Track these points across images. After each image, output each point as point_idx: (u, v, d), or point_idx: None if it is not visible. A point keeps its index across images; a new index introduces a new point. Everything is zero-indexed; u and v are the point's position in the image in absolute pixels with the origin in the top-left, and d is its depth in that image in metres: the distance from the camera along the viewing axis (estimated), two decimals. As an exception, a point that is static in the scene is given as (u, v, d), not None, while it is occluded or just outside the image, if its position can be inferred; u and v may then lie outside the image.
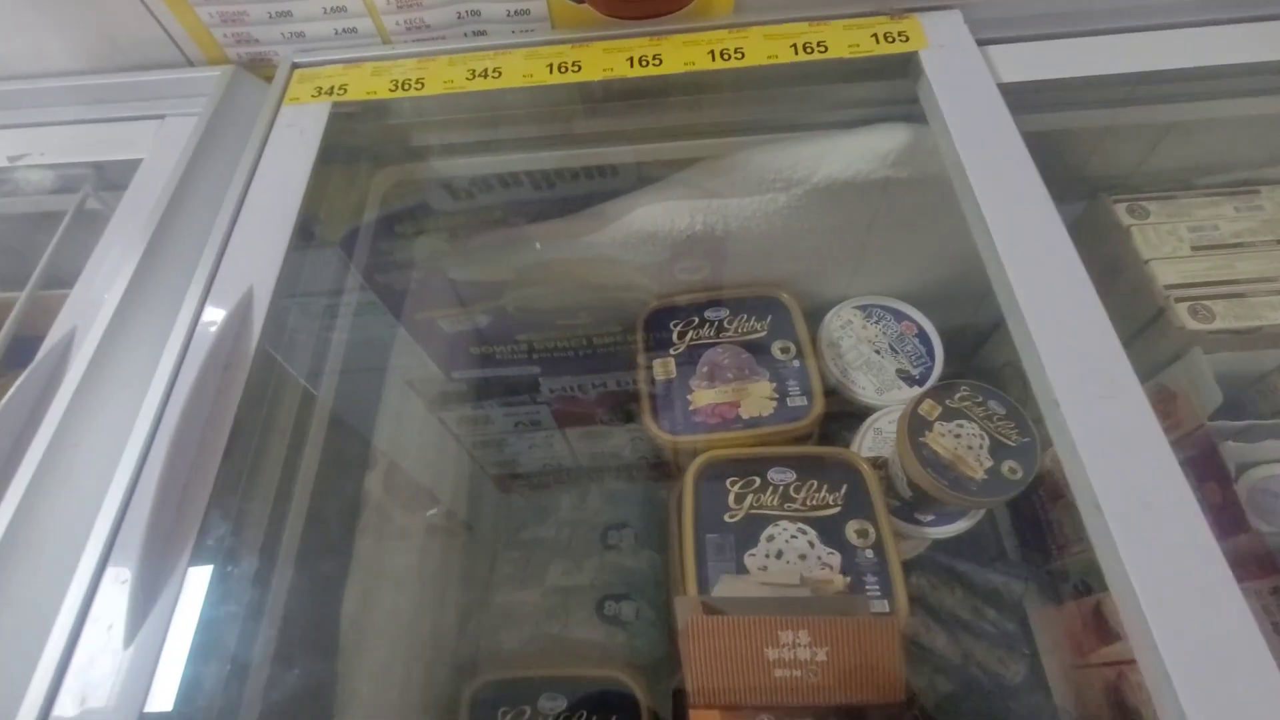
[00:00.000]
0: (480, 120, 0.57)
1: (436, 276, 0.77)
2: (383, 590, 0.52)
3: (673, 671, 0.61)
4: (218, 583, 0.34)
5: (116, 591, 0.30)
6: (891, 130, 0.50)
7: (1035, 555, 0.76)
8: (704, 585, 0.52)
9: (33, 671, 0.29)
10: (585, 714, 0.54)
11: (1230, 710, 0.25)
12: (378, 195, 0.57)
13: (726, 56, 0.47)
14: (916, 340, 0.69)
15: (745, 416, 0.61)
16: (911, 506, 0.59)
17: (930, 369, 0.67)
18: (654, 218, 0.60)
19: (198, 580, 0.32)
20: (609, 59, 0.48)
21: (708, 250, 0.67)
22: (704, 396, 0.63)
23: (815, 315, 0.71)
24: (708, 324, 0.68)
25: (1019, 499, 0.77)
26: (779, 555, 0.54)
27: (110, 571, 0.31)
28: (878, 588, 0.51)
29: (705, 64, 0.47)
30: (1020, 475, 0.50)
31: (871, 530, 0.54)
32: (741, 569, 0.53)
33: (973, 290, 0.75)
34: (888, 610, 0.50)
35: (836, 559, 0.53)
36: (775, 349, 0.65)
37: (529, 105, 0.55)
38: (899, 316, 0.71)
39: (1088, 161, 0.59)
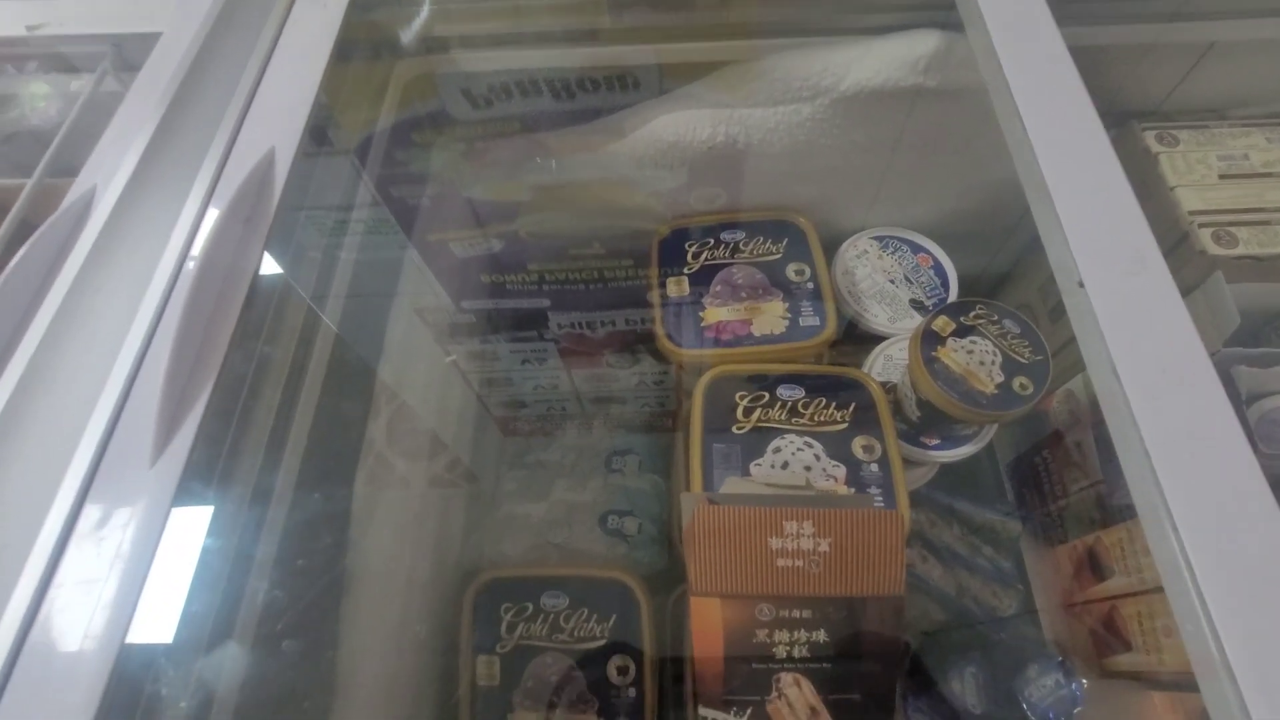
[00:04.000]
0: (503, 11, 0.56)
1: (451, 193, 0.76)
2: (390, 482, 0.53)
3: (672, 584, 0.63)
4: (238, 429, 0.34)
5: (138, 422, 0.31)
6: (924, 36, 0.49)
7: (1033, 500, 0.77)
8: (709, 489, 0.53)
9: (58, 489, 0.30)
10: (587, 611, 0.56)
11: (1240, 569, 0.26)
12: (397, 90, 0.56)
13: (760, -55, 0.46)
14: (931, 272, 0.69)
15: (757, 334, 0.61)
16: (918, 429, 0.59)
17: (944, 300, 0.67)
18: (674, 126, 0.59)
19: (218, 421, 0.32)
20: (639, -55, 0.47)
21: (726, 168, 0.66)
22: (716, 313, 0.63)
23: (831, 245, 0.71)
24: (723, 245, 0.67)
25: (1023, 455, 0.77)
26: (785, 466, 0.54)
27: (130, 406, 0.31)
28: (881, 499, 0.52)
29: (738, -47, 0.46)
30: (1031, 391, 0.50)
31: (878, 445, 0.55)
32: (746, 477, 0.54)
33: (992, 228, 0.75)
34: (890, 519, 0.51)
35: (842, 471, 0.53)
36: (790, 271, 0.65)
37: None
38: (915, 248, 0.70)
39: (1121, 87, 0.58)
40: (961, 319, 0.53)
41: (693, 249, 0.67)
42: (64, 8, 0.51)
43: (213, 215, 0.36)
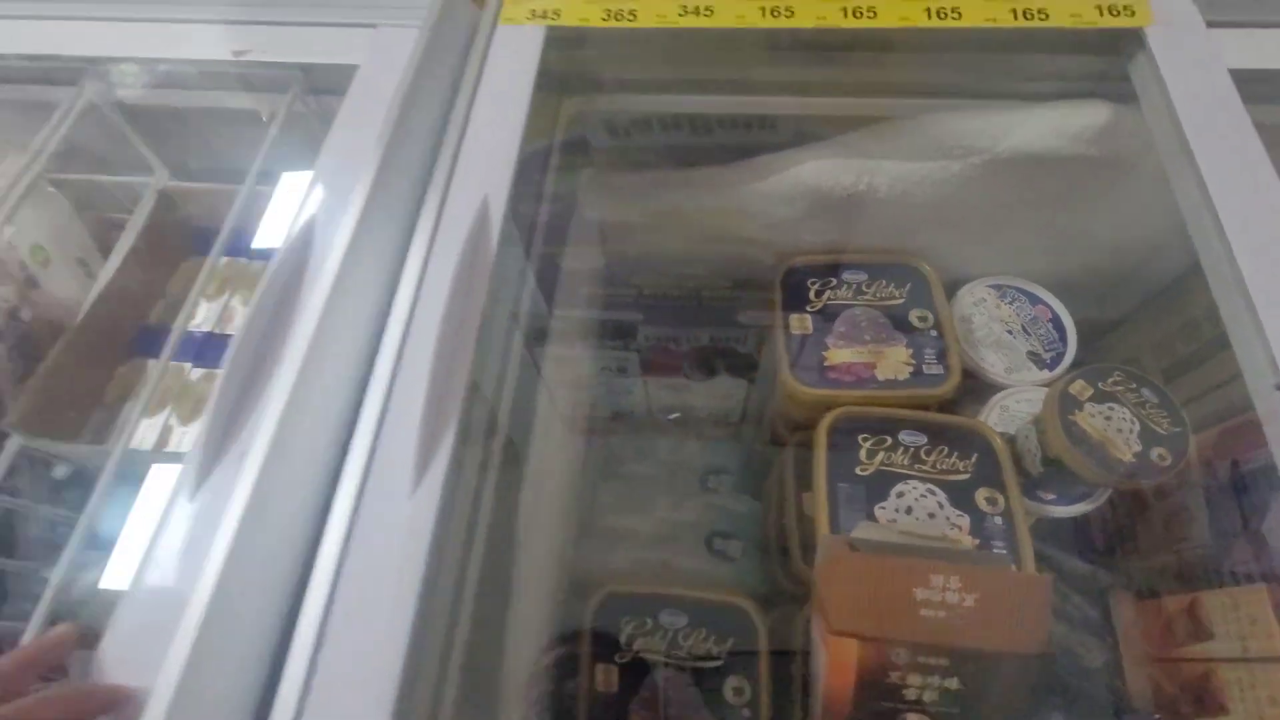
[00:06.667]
0: (669, 57, 0.58)
1: (570, 211, 0.79)
2: (541, 496, 0.56)
3: (774, 607, 0.65)
4: (470, 469, 0.37)
5: (393, 456, 0.34)
6: (1093, 107, 0.50)
7: (1123, 549, 0.77)
8: (836, 529, 0.55)
9: (328, 521, 0.33)
10: (705, 632, 0.58)
11: None
12: (563, 126, 0.59)
13: (942, 15, 0.47)
14: (1050, 325, 0.69)
15: (880, 378, 0.63)
16: (1036, 483, 0.61)
17: (1062, 354, 0.67)
18: (820, 173, 0.61)
19: (459, 461, 0.36)
20: (822, 7, 0.49)
21: (852, 211, 0.67)
22: (840, 354, 0.65)
23: (945, 289, 0.72)
24: (845, 285, 0.69)
25: (1117, 504, 0.78)
26: (908, 511, 0.56)
27: (385, 439, 0.35)
28: (1005, 553, 0.54)
29: (920, 20, 0.48)
30: (1169, 463, 0.51)
31: (1001, 499, 0.56)
32: (872, 519, 0.56)
33: (1107, 281, 0.75)
34: (1015, 574, 0.52)
35: (965, 521, 0.55)
36: (913, 317, 0.66)
37: (714, 46, 0.56)
38: (1033, 300, 0.71)
39: None
40: (1100, 384, 0.54)
41: (815, 287, 0.69)
42: (265, 36, 0.54)
43: (441, 263, 0.39)
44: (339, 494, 0.33)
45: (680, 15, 0.50)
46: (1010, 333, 0.69)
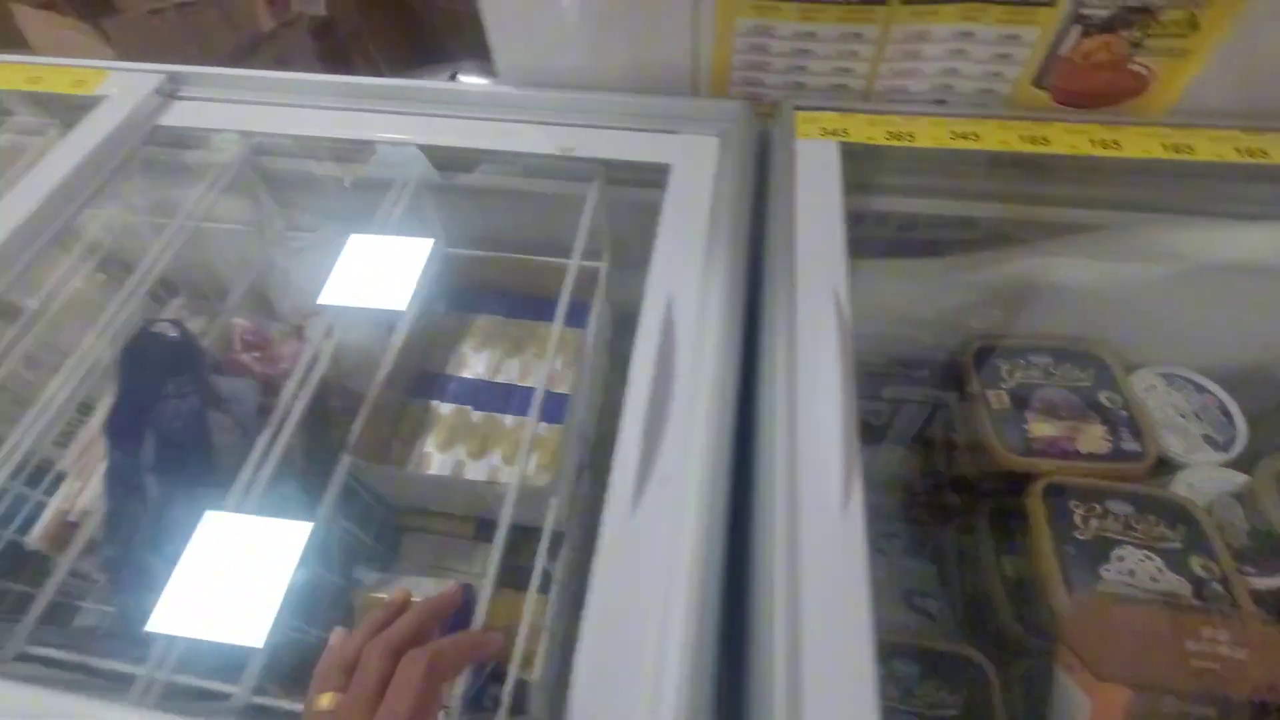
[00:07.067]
0: (903, 167, 0.68)
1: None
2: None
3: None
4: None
5: (820, 484, 0.41)
6: (1297, 228, 0.60)
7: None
8: (1070, 588, 0.61)
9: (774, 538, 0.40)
10: (938, 681, 0.63)
11: None
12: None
13: (1178, 150, 0.57)
14: (1218, 411, 0.77)
15: (1083, 451, 0.70)
16: (1237, 555, 0.66)
17: (1234, 438, 0.74)
18: (1036, 270, 0.70)
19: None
20: (1072, 138, 0.59)
21: (1037, 302, 0.76)
22: (1041, 428, 0.72)
23: (1114, 375, 0.80)
24: (1034, 367, 0.77)
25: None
26: (1131, 574, 0.62)
27: (804, 475, 0.42)
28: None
29: (1157, 153, 0.58)
30: (1386, 539, 0.57)
31: (1215, 566, 0.62)
32: (1099, 580, 0.61)
33: (1262, 373, 0.82)
34: (1245, 637, 0.57)
35: (1187, 587, 0.61)
36: (1102, 398, 0.74)
37: (947, 159, 0.66)
38: (1200, 389, 0.78)
39: None
40: (1307, 465, 0.61)
41: (1005, 366, 0.77)
42: (587, 137, 0.65)
43: (813, 337, 0.48)
44: (776, 508, 0.40)
45: (951, 138, 0.60)
46: (1183, 417, 0.76)
